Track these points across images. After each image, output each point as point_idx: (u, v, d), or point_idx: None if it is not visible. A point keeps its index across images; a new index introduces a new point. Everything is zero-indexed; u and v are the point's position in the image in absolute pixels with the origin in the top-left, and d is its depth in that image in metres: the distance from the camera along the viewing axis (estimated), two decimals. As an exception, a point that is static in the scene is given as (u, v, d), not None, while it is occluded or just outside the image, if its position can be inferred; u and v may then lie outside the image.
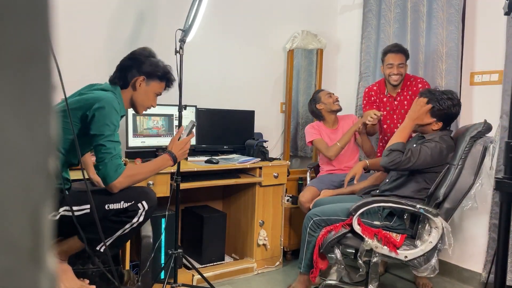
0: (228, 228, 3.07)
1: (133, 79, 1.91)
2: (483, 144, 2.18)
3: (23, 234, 0.26)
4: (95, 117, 1.69)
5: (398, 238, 2.17)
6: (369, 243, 2.15)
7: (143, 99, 1.94)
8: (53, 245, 0.41)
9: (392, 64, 2.84)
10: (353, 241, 2.22)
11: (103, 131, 1.69)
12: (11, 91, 0.25)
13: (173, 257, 2.36)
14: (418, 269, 2.15)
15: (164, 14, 3.01)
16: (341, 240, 2.22)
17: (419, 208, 2.12)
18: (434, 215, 2.11)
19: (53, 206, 0.28)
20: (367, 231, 2.18)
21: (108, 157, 1.68)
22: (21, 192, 0.26)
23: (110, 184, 1.70)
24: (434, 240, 2.12)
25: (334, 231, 2.22)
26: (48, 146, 0.28)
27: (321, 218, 2.33)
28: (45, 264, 0.27)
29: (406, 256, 2.14)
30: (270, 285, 2.81)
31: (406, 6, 3.20)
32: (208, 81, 3.26)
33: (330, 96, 3.11)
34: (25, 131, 0.26)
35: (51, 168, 0.28)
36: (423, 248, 2.13)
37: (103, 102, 1.71)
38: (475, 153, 2.19)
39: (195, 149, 3.05)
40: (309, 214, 2.41)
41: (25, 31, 0.26)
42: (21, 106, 0.26)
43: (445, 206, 2.19)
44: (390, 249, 2.14)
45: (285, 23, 3.62)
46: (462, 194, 2.19)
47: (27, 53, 0.26)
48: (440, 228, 2.11)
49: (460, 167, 2.19)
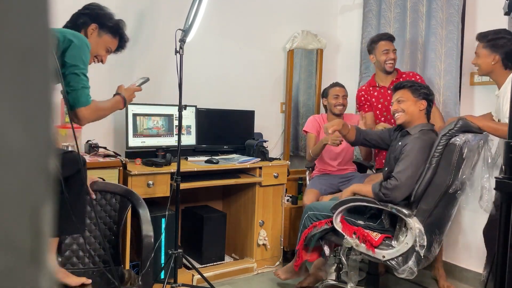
0: (228, 228, 3.07)
1: (85, 27, 1.88)
2: (459, 143, 2.05)
3: (23, 234, 0.26)
4: (71, 46, 1.63)
5: (377, 238, 2.17)
6: (349, 241, 2.21)
7: (93, 47, 1.85)
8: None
9: (388, 50, 2.88)
10: (336, 238, 2.31)
11: (78, 63, 1.64)
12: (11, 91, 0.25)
13: (173, 257, 2.36)
14: (398, 270, 2.12)
15: (164, 14, 3.01)
16: (325, 236, 2.33)
17: (391, 208, 2.10)
18: (406, 216, 2.07)
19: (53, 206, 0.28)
20: (347, 228, 2.23)
21: (81, 86, 1.63)
22: (21, 192, 0.26)
23: (78, 108, 1.63)
24: (409, 241, 2.07)
25: (317, 226, 2.33)
26: (48, 146, 0.28)
27: (314, 213, 2.42)
28: (45, 264, 0.27)
29: (384, 256, 2.14)
30: (270, 285, 2.81)
31: (406, 6, 3.20)
32: (208, 81, 3.26)
33: (336, 97, 3.08)
34: (25, 131, 0.26)
35: (51, 168, 0.28)
36: (399, 249, 2.10)
37: (77, 35, 1.68)
38: (448, 152, 2.07)
39: (195, 149, 3.05)
40: (306, 207, 2.52)
41: (25, 31, 0.26)
42: (21, 106, 0.26)
43: (422, 207, 2.12)
44: (367, 247, 2.16)
45: (285, 23, 3.62)
46: (439, 194, 2.09)
47: (27, 53, 0.26)
48: (414, 229, 2.05)
49: (434, 167, 2.09)
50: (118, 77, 2.86)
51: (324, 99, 3.17)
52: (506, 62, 2.25)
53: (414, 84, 2.33)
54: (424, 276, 2.89)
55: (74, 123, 1.66)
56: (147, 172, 2.48)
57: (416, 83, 2.34)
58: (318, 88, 3.75)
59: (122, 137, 2.82)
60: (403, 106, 2.27)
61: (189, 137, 2.96)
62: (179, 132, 2.40)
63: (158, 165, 2.56)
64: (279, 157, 3.61)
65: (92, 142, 2.55)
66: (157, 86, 3.02)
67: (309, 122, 3.18)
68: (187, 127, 2.96)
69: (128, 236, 2.39)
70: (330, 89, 3.13)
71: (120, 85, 2.03)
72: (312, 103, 3.81)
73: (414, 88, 2.27)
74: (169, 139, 2.88)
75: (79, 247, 1.99)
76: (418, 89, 2.28)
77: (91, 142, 2.56)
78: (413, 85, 2.31)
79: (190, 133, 2.97)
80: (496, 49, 2.24)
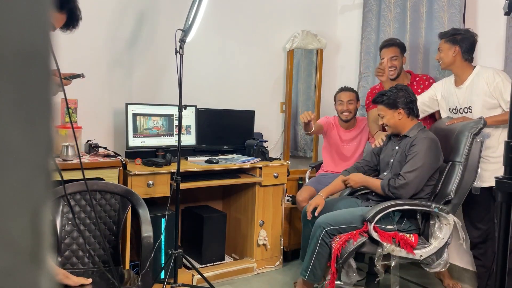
0: (228, 228, 3.07)
1: None
2: (481, 140, 2.30)
3: (23, 234, 0.26)
4: None
5: (412, 239, 2.20)
6: (387, 248, 2.15)
7: None
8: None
9: (385, 58, 2.90)
10: (369, 248, 2.19)
11: None
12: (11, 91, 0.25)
13: (173, 257, 2.36)
14: (431, 266, 2.21)
15: (164, 14, 3.01)
16: (359, 248, 2.19)
17: (434, 207, 2.19)
18: (447, 213, 2.19)
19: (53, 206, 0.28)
20: (384, 236, 2.16)
21: None
22: (21, 192, 0.26)
23: None
24: (446, 236, 2.20)
25: (353, 240, 2.15)
26: (48, 146, 0.28)
27: (334, 228, 2.22)
28: (45, 264, 0.27)
29: (422, 255, 2.19)
30: (270, 285, 2.81)
31: (406, 6, 3.20)
32: (208, 81, 3.26)
33: (340, 103, 3.08)
34: (25, 131, 0.26)
35: (51, 168, 0.28)
36: (436, 245, 2.19)
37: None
38: (475, 149, 2.29)
39: (195, 149, 3.05)
40: (320, 223, 2.26)
41: (25, 31, 0.26)
42: (21, 106, 0.26)
43: (453, 202, 2.27)
44: (407, 250, 2.16)
45: (285, 23, 3.62)
46: (467, 189, 2.29)
47: (27, 53, 0.26)
48: (451, 224, 2.19)
49: (465, 164, 2.28)
50: (118, 77, 2.87)
51: (334, 104, 3.17)
52: (466, 55, 2.51)
53: (385, 96, 2.38)
54: (427, 276, 2.89)
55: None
56: (147, 172, 2.48)
57: (387, 94, 2.38)
58: (318, 88, 3.76)
59: (122, 137, 2.82)
60: (385, 120, 2.42)
61: (189, 137, 2.96)
62: (179, 132, 2.40)
63: (158, 165, 2.56)
64: (279, 157, 3.61)
65: (92, 142, 2.56)
66: (157, 86, 3.03)
67: (323, 119, 3.22)
68: (187, 127, 2.96)
69: (128, 236, 2.39)
70: (337, 95, 3.13)
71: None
72: (312, 103, 3.81)
73: (386, 103, 2.37)
74: (169, 139, 2.88)
75: (78, 247, 1.99)
76: (391, 101, 2.35)
77: (91, 142, 2.56)
78: (383, 99, 2.38)
79: (190, 133, 2.97)
80: (456, 42, 2.50)
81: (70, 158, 2.25)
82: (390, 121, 2.39)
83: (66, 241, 1.97)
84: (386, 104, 2.37)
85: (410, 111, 2.36)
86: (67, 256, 1.97)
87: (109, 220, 2.07)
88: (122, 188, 2.10)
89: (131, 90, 2.91)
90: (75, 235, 1.99)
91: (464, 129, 2.32)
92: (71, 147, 2.26)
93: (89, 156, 2.46)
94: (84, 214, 2.03)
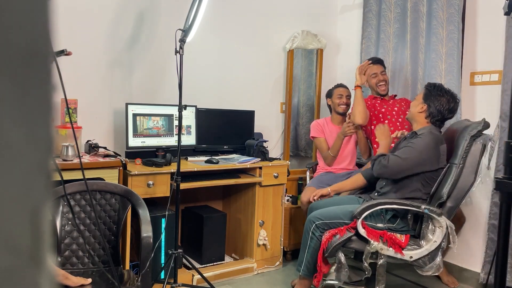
0: (228, 228, 3.07)
1: None
2: (482, 142, 2.23)
3: (23, 234, 0.26)
4: None
5: (403, 239, 2.19)
6: (375, 246, 2.14)
7: None
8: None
9: (376, 73, 3.07)
10: (357, 244, 2.20)
11: None
12: (11, 91, 0.25)
13: (173, 257, 2.36)
14: (423, 269, 2.18)
15: (164, 14, 3.01)
16: (346, 243, 2.21)
17: (424, 208, 2.14)
18: (438, 215, 2.14)
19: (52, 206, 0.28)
20: (372, 233, 2.17)
21: None
22: (21, 192, 0.26)
23: None
24: (438, 239, 2.15)
25: (339, 234, 2.19)
26: (48, 146, 0.28)
27: (323, 222, 2.29)
28: (45, 264, 0.27)
29: (411, 256, 2.16)
30: (270, 285, 2.81)
31: (406, 6, 3.20)
32: (208, 81, 3.26)
33: (340, 97, 3.18)
34: (25, 131, 0.26)
35: (51, 168, 0.28)
36: (428, 248, 2.16)
37: None
38: (475, 152, 2.23)
39: (195, 149, 3.05)
40: (311, 217, 2.35)
41: (25, 31, 0.26)
42: (21, 106, 0.26)
43: (448, 205, 2.22)
44: (395, 250, 2.15)
45: (285, 23, 3.62)
46: (463, 193, 2.22)
47: (27, 53, 0.26)
48: (444, 227, 2.14)
49: (461, 166, 2.22)
50: (118, 77, 2.87)
51: (329, 99, 3.26)
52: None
53: (432, 86, 2.41)
54: (426, 276, 2.88)
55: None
56: (147, 172, 2.48)
57: (436, 86, 2.41)
58: (318, 88, 3.76)
59: (122, 137, 2.82)
60: (411, 106, 2.48)
61: (189, 137, 2.96)
62: (179, 132, 2.40)
63: (158, 165, 2.56)
64: (279, 157, 3.61)
65: (92, 142, 2.55)
66: (157, 86, 3.03)
67: (313, 128, 3.23)
68: (187, 127, 2.96)
69: (128, 236, 2.39)
70: (335, 90, 3.23)
71: None
72: (312, 103, 3.80)
73: (425, 93, 2.40)
74: (169, 139, 2.88)
75: (78, 247, 1.99)
76: (429, 94, 2.38)
77: (91, 142, 2.56)
78: (429, 87, 2.41)
79: (190, 133, 2.97)
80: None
81: (70, 158, 2.25)
82: (412, 108, 2.44)
83: (66, 241, 1.97)
84: (424, 94, 2.40)
85: (432, 115, 2.36)
86: (67, 256, 1.97)
87: (109, 220, 2.07)
88: (122, 188, 2.10)
89: (131, 90, 2.91)
90: (75, 235, 1.99)
91: (465, 130, 2.30)
92: (71, 147, 2.26)
93: (89, 156, 2.46)
94: (84, 214, 2.03)
